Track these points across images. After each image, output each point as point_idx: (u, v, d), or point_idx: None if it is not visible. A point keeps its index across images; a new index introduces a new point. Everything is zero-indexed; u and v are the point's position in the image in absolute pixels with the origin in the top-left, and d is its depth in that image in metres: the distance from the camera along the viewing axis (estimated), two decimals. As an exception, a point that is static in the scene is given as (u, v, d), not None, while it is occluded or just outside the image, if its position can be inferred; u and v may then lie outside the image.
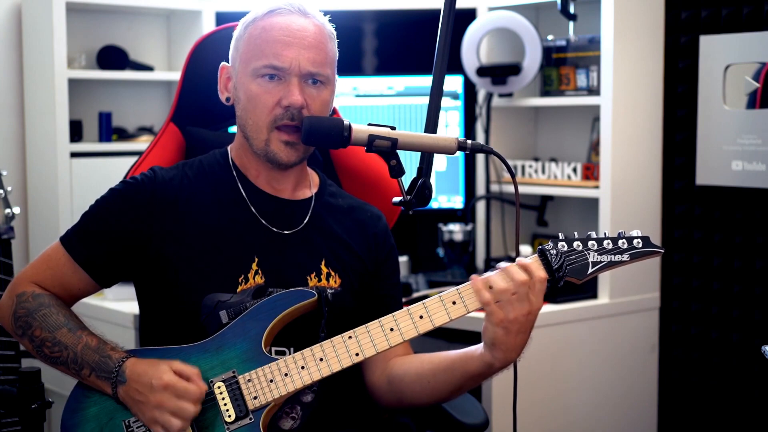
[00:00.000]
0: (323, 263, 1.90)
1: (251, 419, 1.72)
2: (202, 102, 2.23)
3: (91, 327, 1.84)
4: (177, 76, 3.47)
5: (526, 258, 1.75)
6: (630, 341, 3.24)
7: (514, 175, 1.82)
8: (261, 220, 1.89)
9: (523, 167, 3.46)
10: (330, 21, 1.91)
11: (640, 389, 3.29)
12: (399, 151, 1.81)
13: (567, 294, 3.10)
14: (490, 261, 3.39)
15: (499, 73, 3.36)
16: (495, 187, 3.53)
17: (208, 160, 1.96)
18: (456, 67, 3.41)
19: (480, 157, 3.55)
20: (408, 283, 3.21)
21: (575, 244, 1.75)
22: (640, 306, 3.25)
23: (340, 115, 2.06)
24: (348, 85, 3.40)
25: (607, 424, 3.21)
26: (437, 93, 1.92)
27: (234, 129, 1.97)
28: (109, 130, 3.56)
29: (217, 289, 1.83)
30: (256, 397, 1.73)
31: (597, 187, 3.18)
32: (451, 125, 3.46)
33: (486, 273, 1.74)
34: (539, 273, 1.71)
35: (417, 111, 3.44)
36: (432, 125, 1.91)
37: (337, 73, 1.92)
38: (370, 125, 1.80)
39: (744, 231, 3.15)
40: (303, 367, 1.74)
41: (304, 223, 1.93)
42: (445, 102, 3.43)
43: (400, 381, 1.90)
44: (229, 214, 1.89)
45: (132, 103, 3.71)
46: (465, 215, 3.53)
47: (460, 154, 2.29)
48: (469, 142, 1.81)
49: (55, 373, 1.84)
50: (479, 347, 1.78)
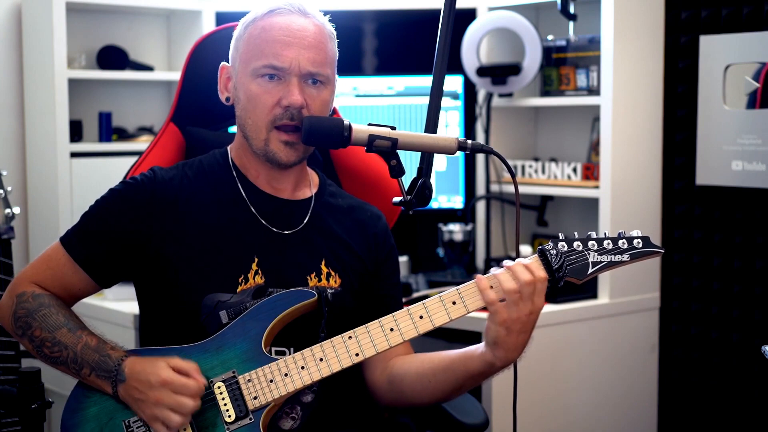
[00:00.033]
0: (323, 263, 1.90)
1: (251, 419, 1.72)
2: (202, 102, 2.23)
3: (91, 327, 1.84)
4: (177, 76, 3.47)
5: (526, 258, 1.75)
6: (630, 341, 3.24)
7: (514, 175, 1.82)
8: (261, 220, 1.89)
9: (523, 167, 3.46)
10: (330, 21, 1.91)
11: (640, 389, 3.29)
12: (399, 151, 1.81)
13: (567, 294, 3.10)
14: (490, 261, 3.39)
15: (499, 73, 3.36)
16: (495, 187, 3.52)
17: (207, 160, 1.96)
18: (456, 67, 3.41)
19: (480, 157, 3.55)
20: (408, 283, 3.21)
21: (575, 244, 1.75)
22: (640, 306, 3.25)
23: (340, 115, 2.06)
24: (348, 85, 3.40)
25: (607, 424, 3.21)
26: (437, 93, 1.92)
27: (234, 129, 1.97)
28: (109, 130, 3.56)
29: (217, 289, 1.82)
30: (256, 397, 1.73)
31: (597, 187, 3.18)
32: (451, 125, 3.46)
33: (491, 270, 1.74)
34: (540, 273, 1.71)
35: (417, 111, 3.44)
36: (432, 125, 1.91)
37: (337, 73, 1.92)
38: (370, 125, 1.80)
39: (744, 231, 3.15)
40: (303, 367, 1.74)
41: (303, 223, 1.93)
42: (445, 102, 3.43)
43: (400, 380, 1.90)
44: (229, 214, 1.89)
45: (132, 103, 3.70)
46: (465, 215, 3.52)
47: (460, 154, 2.29)
48: (470, 142, 1.81)
49: (55, 373, 1.84)
50: (480, 346, 1.78)
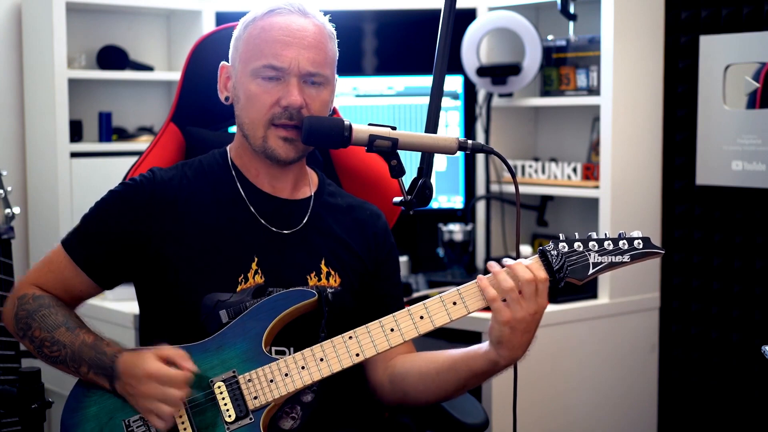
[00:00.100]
0: (323, 262, 1.90)
1: (251, 419, 1.72)
2: (202, 102, 2.22)
3: (90, 325, 1.84)
4: (177, 76, 3.47)
5: (527, 259, 1.75)
6: (630, 341, 3.24)
7: (514, 175, 1.82)
8: (260, 219, 1.89)
9: (523, 167, 3.46)
10: (330, 21, 1.91)
11: (640, 389, 3.29)
12: (399, 151, 1.81)
13: (567, 294, 3.10)
14: (491, 260, 3.38)
15: (499, 73, 3.36)
16: (495, 187, 3.52)
17: (207, 160, 1.96)
18: (456, 67, 3.41)
19: (480, 157, 3.55)
20: (408, 283, 3.21)
21: (576, 244, 1.75)
22: (640, 306, 3.25)
23: (340, 115, 2.06)
24: (348, 85, 3.40)
25: (607, 424, 3.21)
26: (437, 93, 1.92)
27: (234, 129, 1.97)
28: (109, 130, 3.56)
29: (217, 289, 1.82)
30: (256, 397, 1.73)
31: (597, 187, 3.18)
32: (451, 125, 3.46)
33: (488, 264, 1.74)
34: (540, 274, 1.72)
35: (417, 111, 3.44)
36: (432, 125, 1.91)
37: (337, 73, 1.92)
38: (370, 125, 1.80)
39: (744, 231, 3.15)
40: (303, 367, 1.74)
41: (303, 223, 1.92)
42: (445, 102, 3.43)
43: (402, 380, 1.90)
44: (228, 213, 1.89)
45: (132, 103, 3.70)
46: (465, 215, 3.52)
47: (460, 154, 2.29)
48: (470, 142, 1.81)
49: (55, 373, 1.84)
50: (484, 345, 1.78)
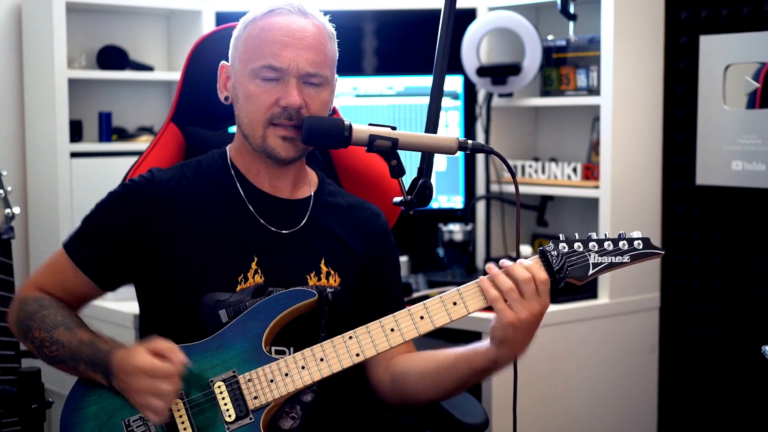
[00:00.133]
0: (322, 262, 1.90)
1: (251, 419, 1.72)
2: (202, 102, 2.22)
3: (90, 324, 1.84)
4: (177, 76, 3.47)
5: (527, 260, 1.75)
6: (630, 341, 3.24)
7: (514, 175, 1.82)
8: (259, 219, 1.89)
9: (523, 167, 3.46)
10: (330, 21, 1.91)
11: (640, 389, 3.29)
12: (399, 151, 1.81)
13: (567, 294, 3.09)
14: (490, 261, 3.38)
15: (499, 73, 3.36)
16: (495, 187, 3.52)
17: (206, 160, 1.96)
18: (456, 67, 3.40)
19: (480, 157, 3.55)
20: (408, 283, 3.21)
21: (576, 245, 1.75)
22: (640, 306, 3.25)
23: (340, 115, 2.06)
24: (348, 85, 3.40)
25: (607, 424, 3.21)
26: (437, 93, 1.92)
27: (234, 129, 1.97)
28: (109, 130, 3.55)
29: (217, 289, 1.83)
30: (256, 397, 1.73)
31: (597, 187, 3.17)
32: (451, 125, 3.46)
33: (487, 266, 1.75)
34: (540, 274, 1.72)
35: (417, 111, 3.44)
36: (432, 125, 1.91)
37: (337, 73, 1.92)
38: (370, 125, 1.80)
39: (744, 231, 3.15)
40: (303, 367, 1.74)
41: (303, 223, 1.93)
42: (445, 102, 3.43)
43: (404, 379, 1.90)
44: (228, 213, 1.89)
45: (132, 103, 3.70)
46: (465, 215, 3.52)
47: (460, 154, 2.29)
48: (470, 142, 1.81)
49: (56, 373, 1.84)
50: (485, 343, 1.79)
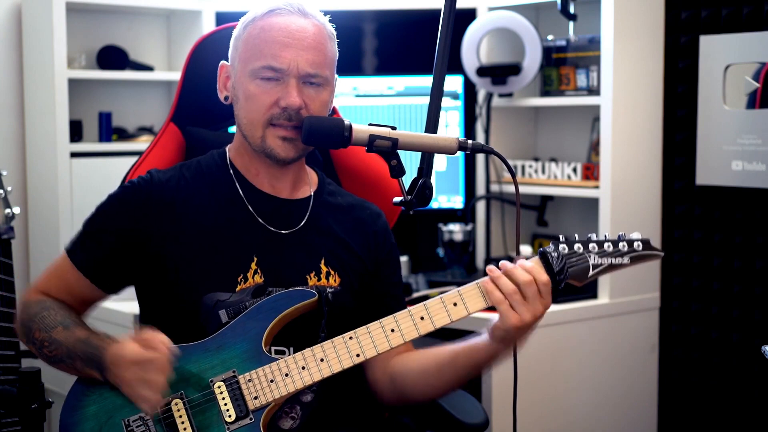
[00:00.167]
0: (322, 262, 1.90)
1: (251, 419, 1.72)
2: (202, 102, 2.22)
3: (91, 324, 1.84)
4: (177, 76, 3.47)
5: (527, 261, 1.75)
6: (630, 341, 3.24)
7: (514, 175, 1.82)
8: (258, 219, 1.89)
9: (523, 167, 3.46)
10: (330, 21, 1.91)
11: (640, 389, 3.29)
12: (399, 151, 1.81)
13: (567, 294, 3.10)
14: (490, 261, 3.39)
15: (499, 73, 3.36)
16: (495, 187, 3.52)
17: (206, 161, 1.96)
18: (456, 67, 3.41)
19: (480, 157, 3.55)
20: (408, 283, 3.21)
21: (576, 246, 1.75)
22: (640, 306, 3.25)
23: (340, 115, 2.06)
24: (348, 85, 3.40)
25: (607, 424, 3.21)
26: (437, 93, 1.91)
27: (234, 129, 1.97)
28: (109, 130, 3.55)
29: (216, 289, 1.82)
30: (256, 397, 1.73)
31: (597, 187, 3.18)
32: (451, 125, 3.46)
33: (488, 267, 1.75)
34: (541, 276, 1.72)
35: (417, 111, 3.44)
36: (432, 125, 1.91)
37: (337, 73, 1.92)
38: (370, 125, 1.80)
39: (744, 231, 3.15)
40: (304, 368, 1.74)
41: (302, 223, 1.93)
42: (445, 102, 3.43)
43: (403, 378, 1.90)
44: (227, 213, 1.89)
45: (132, 103, 3.70)
46: (465, 215, 3.52)
47: (460, 154, 2.29)
48: (470, 142, 1.81)
49: (55, 373, 1.84)
50: (484, 339, 1.80)
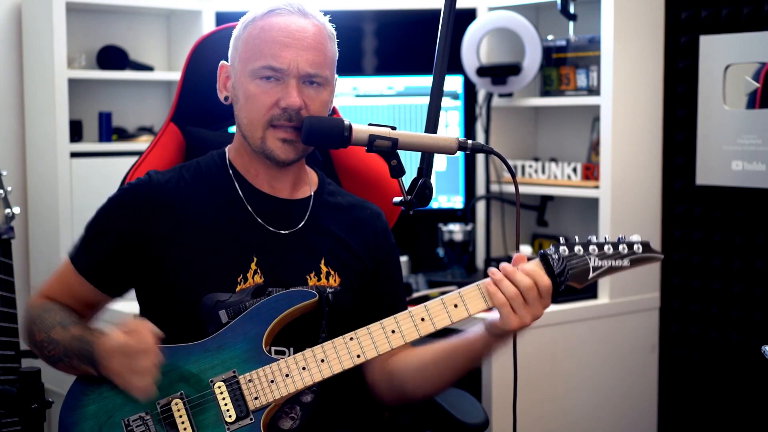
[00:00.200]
0: (322, 262, 1.90)
1: (252, 419, 1.72)
2: (202, 102, 2.22)
3: (87, 323, 1.84)
4: (177, 76, 3.47)
5: (528, 262, 1.75)
6: (630, 341, 3.24)
7: (514, 175, 1.82)
8: (258, 219, 1.89)
9: (523, 167, 3.46)
10: (330, 21, 1.91)
11: (640, 389, 3.29)
12: (399, 151, 1.81)
13: (567, 294, 3.08)
14: (490, 261, 3.39)
15: (499, 73, 3.36)
16: (495, 187, 3.52)
17: (205, 161, 1.96)
18: (456, 67, 3.41)
19: (480, 157, 3.55)
20: (408, 283, 3.21)
21: (576, 248, 1.76)
22: (640, 306, 3.25)
23: (340, 115, 2.06)
24: (348, 85, 3.40)
25: (607, 424, 3.21)
26: (437, 93, 1.91)
27: (234, 129, 1.97)
28: (109, 130, 3.56)
29: (216, 289, 1.82)
30: (257, 398, 1.73)
31: (597, 187, 3.17)
32: (451, 125, 3.46)
33: (489, 269, 1.76)
34: (543, 281, 1.72)
35: (417, 111, 3.44)
36: (432, 125, 1.91)
37: (337, 73, 1.92)
38: (370, 125, 1.80)
39: (744, 231, 3.15)
40: (304, 368, 1.74)
41: (302, 223, 1.92)
42: (445, 102, 3.43)
43: (401, 376, 1.90)
44: (227, 214, 1.89)
45: (132, 103, 3.70)
46: (465, 215, 3.52)
47: (460, 154, 2.29)
48: (470, 142, 1.81)
49: (56, 373, 1.84)
50: (480, 332, 1.80)
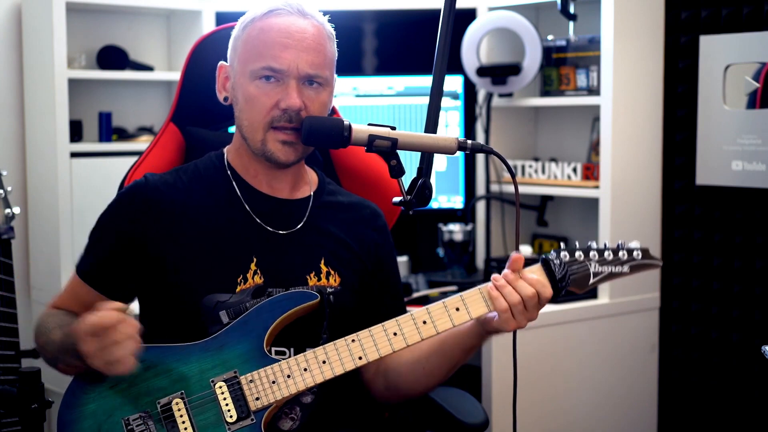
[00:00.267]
0: (322, 262, 1.90)
1: (253, 420, 1.72)
2: (202, 102, 2.22)
3: None
4: (177, 76, 3.47)
5: (530, 267, 1.76)
6: (630, 341, 3.24)
7: (514, 175, 1.82)
8: (257, 219, 1.89)
9: (523, 167, 3.46)
10: (330, 21, 1.91)
11: (640, 389, 3.29)
12: (399, 151, 1.81)
13: (567, 294, 3.09)
14: (490, 261, 3.39)
15: (499, 73, 3.36)
16: (495, 187, 3.52)
17: (203, 162, 1.97)
18: (456, 67, 3.41)
19: (480, 157, 3.55)
20: (408, 283, 3.21)
21: (577, 254, 1.79)
22: (640, 306, 3.25)
23: (340, 115, 2.06)
24: (348, 85, 3.40)
25: (607, 424, 3.21)
26: (437, 93, 1.91)
27: (234, 129, 1.97)
28: (109, 130, 3.55)
29: (216, 290, 1.83)
30: (258, 398, 1.73)
31: (597, 187, 3.17)
32: (451, 125, 3.46)
33: (495, 277, 1.77)
34: (545, 292, 1.75)
35: (417, 111, 3.44)
36: (432, 125, 1.91)
37: (337, 73, 1.92)
38: (370, 125, 1.80)
39: (744, 231, 3.15)
40: (306, 369, 1.74)
41: (302, 223, 1.93)
42: (445, 102, 3.43)
43: (396, 373, 1.91)
44: (226, 215, 1.89)
45: (132, 103, 3.70)
46: (465, 215, 3.52)
47: (460, 154, 2.29)
48: (469, 142, 1.81)
49: (56, 373, 1.84)
50: (471, 325, 1.81)
